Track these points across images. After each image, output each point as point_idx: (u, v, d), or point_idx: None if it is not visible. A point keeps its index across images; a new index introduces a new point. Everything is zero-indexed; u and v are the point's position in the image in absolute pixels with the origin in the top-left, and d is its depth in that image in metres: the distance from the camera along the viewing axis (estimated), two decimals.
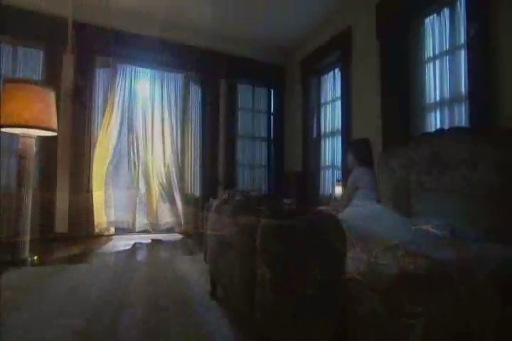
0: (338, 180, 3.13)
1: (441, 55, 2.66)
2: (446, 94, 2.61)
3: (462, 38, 2.46)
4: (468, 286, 1.10)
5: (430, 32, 2.80)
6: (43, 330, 1.18)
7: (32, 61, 3.32)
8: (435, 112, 2.72)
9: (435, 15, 2.72)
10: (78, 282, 1.82)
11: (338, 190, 3.03)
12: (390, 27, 2.97)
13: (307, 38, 4.15)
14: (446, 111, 2.62)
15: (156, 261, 2.47)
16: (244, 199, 1.22)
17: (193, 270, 2.16)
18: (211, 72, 4.08)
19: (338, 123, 3.65)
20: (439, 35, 2.71)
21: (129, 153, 3.73)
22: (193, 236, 3.51)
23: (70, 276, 1.95)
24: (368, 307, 0.97)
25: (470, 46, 2.29)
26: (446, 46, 2.64)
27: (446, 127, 2.37)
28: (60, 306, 1.44)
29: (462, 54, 2.47)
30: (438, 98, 2.69)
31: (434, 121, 2.71)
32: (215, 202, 1.63)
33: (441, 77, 2.68)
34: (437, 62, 2.72)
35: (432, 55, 2.77)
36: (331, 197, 3.11)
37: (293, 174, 4.12)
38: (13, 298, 1.51)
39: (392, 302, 1.06)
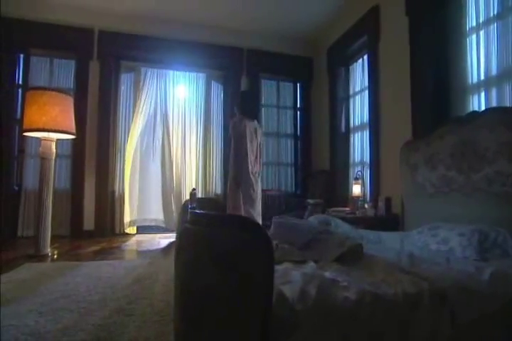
0: (356, 178, 2.74)
1: (488, 22, 2.17)
2: (493, 71, 2.12)
3: None
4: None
5: None
6: None
7: (66, 71, 3.61)
8: (479, 94, 2.23)
9: None
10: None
11: (356, 188, 2.65)
12: None
13: (332, 25, 3.80)
14: (494, 92, 2.12)
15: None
16: (188, 201, 1.07)
17: None
18: (233, 69, 3.98)
19: (367, 116, 3.25)
20: None
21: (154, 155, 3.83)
22: None
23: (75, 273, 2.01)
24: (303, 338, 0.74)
25: None
26: (494, 11, 2.14)
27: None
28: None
29: None
30: (483, 76, 2.20)
31: (478, 105, 2.22)
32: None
33: (487, 51, 2.18)
34: (481, 33, 2.23)
35: (475, 24, 2.28)
36: (350, 197, 2.75)
37: (320, 172, 3.82)
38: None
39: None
